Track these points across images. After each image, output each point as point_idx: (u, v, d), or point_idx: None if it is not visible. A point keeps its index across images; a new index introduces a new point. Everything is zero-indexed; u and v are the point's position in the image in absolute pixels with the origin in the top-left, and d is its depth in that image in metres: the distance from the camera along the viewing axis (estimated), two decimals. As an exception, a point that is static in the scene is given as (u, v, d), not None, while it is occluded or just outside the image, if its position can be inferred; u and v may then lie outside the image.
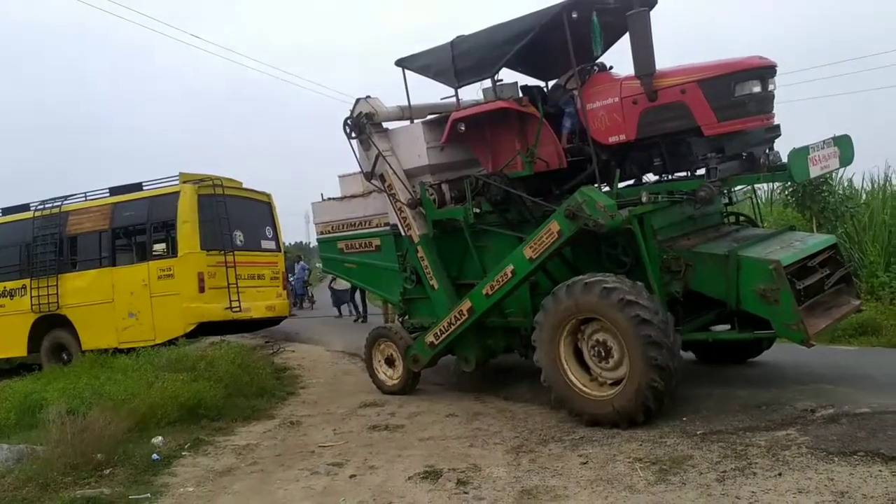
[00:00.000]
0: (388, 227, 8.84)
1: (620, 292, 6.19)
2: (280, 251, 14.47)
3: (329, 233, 9.63)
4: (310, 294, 23.60)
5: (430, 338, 8.20)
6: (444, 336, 8.04)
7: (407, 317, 9.11)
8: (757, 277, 6.21)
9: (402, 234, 8.46)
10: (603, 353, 6.52)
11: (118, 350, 11.37)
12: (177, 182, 12.49)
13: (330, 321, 18.30)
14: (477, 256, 8.07)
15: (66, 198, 13.53)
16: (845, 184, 14.65)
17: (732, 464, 5.24)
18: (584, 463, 5.69)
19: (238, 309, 12.19)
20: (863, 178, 15.96)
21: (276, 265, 14.08)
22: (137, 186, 12.93)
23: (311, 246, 60.30)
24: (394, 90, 8.92)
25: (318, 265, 42.74)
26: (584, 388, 6.64)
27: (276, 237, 14.15)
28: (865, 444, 5.16)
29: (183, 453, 6.97)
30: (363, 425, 7.67)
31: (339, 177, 9.63)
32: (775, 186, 14.57)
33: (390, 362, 8.93)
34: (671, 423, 6.31)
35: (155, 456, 6.71)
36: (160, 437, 7.23)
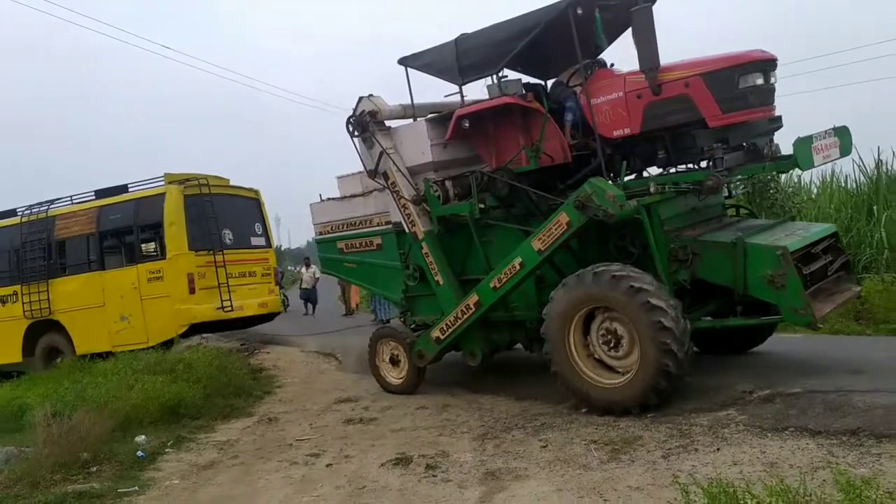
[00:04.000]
0: (389, 226, 8.89)
1: (647, 294, 6.32)
2: (270, 247, 14.36)
3: (328, 233, 9.66)
4: (283, 297, 23.87)
5: (436, 333, 8.26)
6: (450, 330, 8.11)
7: (409, 314, 9.13)
8: (765, 263, 6.40)
9: (406, 231, 8.49)
10: (612, 342, 6.71)
11: (112, 354, 11.49)
12: (162, 183, 12.44)
13: (301, 321, 18.69)
14: (482, 251, 8.10)
15: (52, 202, 13.50)
16: (795, 180, 15.32)
17: (677, 442, 5.74)
18: (545, 446, 6.15)
19: (230, 308, 12.19)
20: (811, 175, 16.64)
21: (267, 261, 13.99)
22: (123, 188, 12.89)
23: (283, 249, 60.27)
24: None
25: (290, 267, 42.81)
26: (586, 370, 6.85)
27: (265, 233, 14.06)
28: (796, 421, 5.69)
29: (166, 450, 7.34)
30: (338, 419, 8.07)
31: (338, 177, 9.69)
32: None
33: (395, 361, 8.98)
34: (624, 408, 6.80)
35: (140, 453, 7.06)
36: (143, 436, 7.57)
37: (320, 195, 9.93)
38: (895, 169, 14.85)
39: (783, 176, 13.95)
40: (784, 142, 7.10)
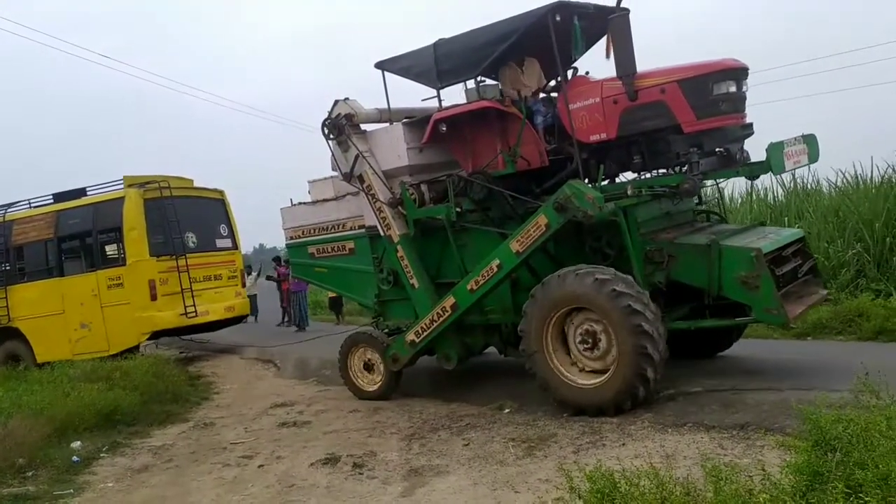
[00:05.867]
0: (363, 230, 8.85)
1: (628, 298, 6.43)
2: (237, 248, 14.07)
3: (299, 237, 9.61)
4: None
5: (410, 336, 8.22)
6: (425, 333, 8.08)
7: (382, 319, 9.10)
8: (739, 265, 6.58)
9: (382, 234, 8.42)
10: (590, 343, 6.81)
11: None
12: (121, 186, 12.23)
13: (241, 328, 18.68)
14: (458, 255, 8.09)
15: (9, 205, 13.27)
16: (717, 193, 16.05)
17: (588, 438, 6.20)
18: (467, 445, 6.55)
19: (194, 314, 12.02)
20: (733, 187, 17.44)
21: (234, 263, 13.70)
22: (81, 192, 12.69)
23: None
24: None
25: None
26: (564, 370, 6.97)
27: (231, 234, 13.74)
28: (694, 417, 6.22)
29: (101, 455, 7.50)
30: (273, 423, 8.33)
31: (310, 182, 9.66)
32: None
33: (369, 367, 8.87)
34: (543, 408, 7.24)
35: (75, 458, 7.20)
36: (79, 442, 7.69)
37: (291, 199, 9.91)
38: (808, 183, 15.80)
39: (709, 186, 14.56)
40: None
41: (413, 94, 8.67)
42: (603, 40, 7.37)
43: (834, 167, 15.59)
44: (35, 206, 13.15)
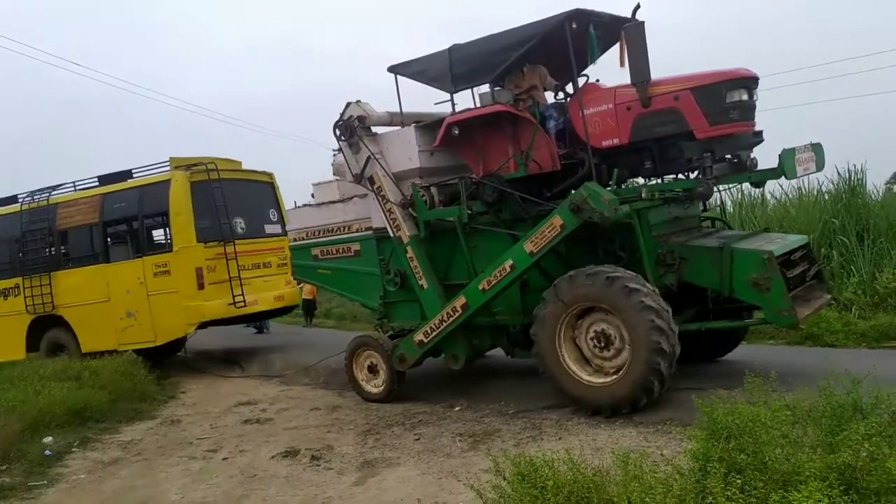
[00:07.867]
0: (370, 232, 8.94)
1: (652, 312, 6.55)
2: (286, 235, 13.37)
3: (303, 239, 9.68)
4: None
5: (419, 336, 8.26)
6: (434, 333, 8.13)
7: (386, 320, 9.14)
8: (751, 267, 6.77)
9: (391, 235, 8.47)
10: (603, 342, 6.99)
11: (118, 352, 11.35)
12: (168, 168, 11.73)
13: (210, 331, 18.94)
14: (468, 256, 8.21)
15: (54, 188, 12.84)
16: (720, 200, 16.75)
17: (529, 433, 6.77)
18: (417, 439, 7.08)
19: (242, 304, 11.54)
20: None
21: (283, 250, 12.64)
22: (127, 174, 12.18)
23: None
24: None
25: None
26: (573, 368, 7.14)
27: (281, 220, 12.88)
28: (625, 414, 6.82)
29: (73, 449, 7.89)
30: (237, 420, 8.79)
31: (314, 184, 9.75)
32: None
33: (373, 370, 8.91)
34: (491, 406, 7.83)
35: (47, 452, 7.59)
36: (51, 437, 8.07)
37: (295, 201, 10.02)
38: (755, 195, 16.54)
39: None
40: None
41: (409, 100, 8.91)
42: (615, 49, 7.54)
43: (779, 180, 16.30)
44: (80, 189, 12.70)
